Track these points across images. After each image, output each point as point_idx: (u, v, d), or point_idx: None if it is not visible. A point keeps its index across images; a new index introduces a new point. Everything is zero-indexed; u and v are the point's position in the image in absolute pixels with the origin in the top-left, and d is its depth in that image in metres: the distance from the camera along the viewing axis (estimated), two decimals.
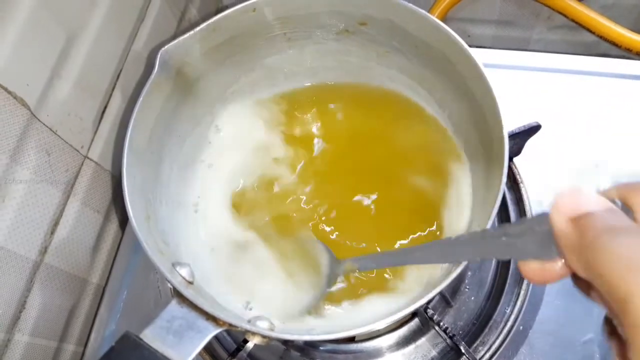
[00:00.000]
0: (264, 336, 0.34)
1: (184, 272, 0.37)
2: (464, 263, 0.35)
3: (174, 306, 0.34)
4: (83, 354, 0.55)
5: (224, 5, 0.78)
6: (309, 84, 0.56)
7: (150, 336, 0.32)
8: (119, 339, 0.32)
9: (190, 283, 0.38)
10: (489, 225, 0.36)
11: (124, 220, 0.59)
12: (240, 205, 0.52)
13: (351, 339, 0.51)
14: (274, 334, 0.35)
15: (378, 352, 0.51)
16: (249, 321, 0.37)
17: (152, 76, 0.42)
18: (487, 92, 0.40)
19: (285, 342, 0.52)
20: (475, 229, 0.43)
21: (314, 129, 0.56)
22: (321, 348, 0.52)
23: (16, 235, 0.44)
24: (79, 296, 0.54)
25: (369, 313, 0.45)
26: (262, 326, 0.37)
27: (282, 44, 0.50)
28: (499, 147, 0.39)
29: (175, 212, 0.47)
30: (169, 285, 0.51)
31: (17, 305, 0.46)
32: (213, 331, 0.34)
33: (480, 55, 0.41)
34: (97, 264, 0.56)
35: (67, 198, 0.50)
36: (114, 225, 0.58)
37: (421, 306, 0.36)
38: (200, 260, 0.45)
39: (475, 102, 0.43)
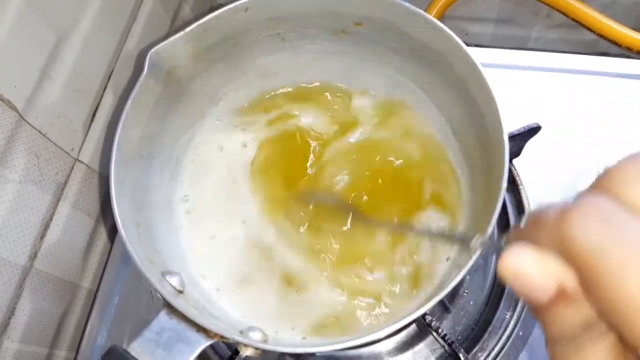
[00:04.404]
0: (256, 348, 0.33)
1: (174, 281, 0.36)
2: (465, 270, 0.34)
3: (163, 317, 0.33)
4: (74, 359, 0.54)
5: (219, 3, 0.77)
6: (303, 84, 0.55)
7: (139, 349, 0.31)
8: (106, 353, 0.30)
9: (181, 292, 0.37)
10: (490, 229, 0.35)
11: (115, 224, 0.58)
12: None
13: None
14: (267, 346, 0.34)
15: (376, 358, 0.50)
16: (241, 332, 0.36)
17: (141, 78, 0.40)
18: (486, 92, 0.39)
19: None
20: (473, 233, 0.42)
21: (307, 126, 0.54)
22: (317, 354, 0.51)
23: (4, 240, 0.43)
24: (70, 301, 0.53)
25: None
26: (255, 337, 0.36)
27: (277, 44, 0.49)
28: (499, 149, 0.38)
29: (167, 218, 0.46)
30: None
31: (5, 312, 0.45)
32: (204, 343, 0.32)
33: (478, 54, 0.40)
34: (89, 268, 0.55)
35: (58, 201, 0.49)
36: (105, 229, 0.57)
37: (420, 315, 0.35)
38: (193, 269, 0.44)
39: (474, 102, 0.42)
